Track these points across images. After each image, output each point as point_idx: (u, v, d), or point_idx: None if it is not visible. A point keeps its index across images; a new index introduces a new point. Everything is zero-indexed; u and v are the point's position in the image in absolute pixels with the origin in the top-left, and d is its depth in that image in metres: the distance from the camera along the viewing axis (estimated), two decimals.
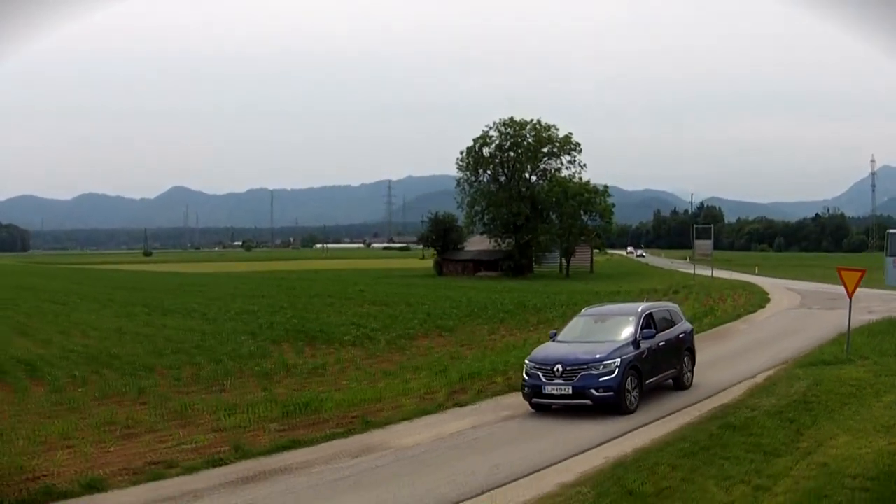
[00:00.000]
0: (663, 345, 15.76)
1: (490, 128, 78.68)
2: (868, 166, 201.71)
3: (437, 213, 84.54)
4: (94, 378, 19.00)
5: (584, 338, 15.44)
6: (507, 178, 78.65)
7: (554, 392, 14.11)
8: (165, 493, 10.34)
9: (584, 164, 78.59)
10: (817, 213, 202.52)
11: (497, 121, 78.65)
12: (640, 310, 16.13)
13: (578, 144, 78.29)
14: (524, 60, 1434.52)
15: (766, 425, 12.33)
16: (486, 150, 78.51)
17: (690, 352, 17.17)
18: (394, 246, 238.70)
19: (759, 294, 41.62)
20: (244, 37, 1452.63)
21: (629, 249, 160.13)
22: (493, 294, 46.82)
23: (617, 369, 14.03)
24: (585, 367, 14.05)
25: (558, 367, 14.09)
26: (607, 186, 79.19)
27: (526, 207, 75.71)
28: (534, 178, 79.39)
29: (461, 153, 79.06)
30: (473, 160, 78.41)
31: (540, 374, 14.25)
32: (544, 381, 14.15)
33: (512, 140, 77.77)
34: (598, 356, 14.22)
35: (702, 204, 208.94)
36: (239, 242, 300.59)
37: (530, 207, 76.19)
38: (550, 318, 30.60)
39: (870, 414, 12.98)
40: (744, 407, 13.91)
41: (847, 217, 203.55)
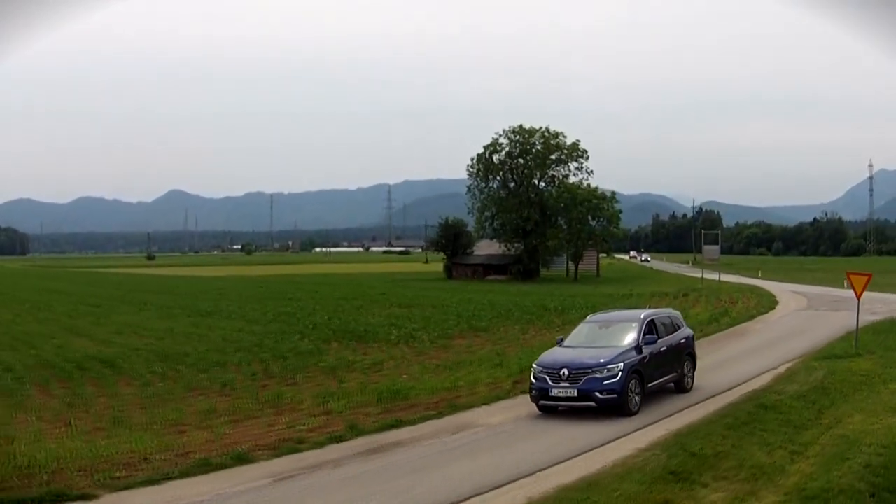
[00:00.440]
0: (665, 350, 16.37)
1: (500, 135, 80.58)
2: (865, 170, 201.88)
3: (447, 218, 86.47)
4: (172, 374, 20.45)
5: (589, 343, 16.10)
6: (516, 185, 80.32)
7: (560, 395, 14.75)
8: (308, 463, 12.17)
9: (591, 171, 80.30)
10: (815, 218, 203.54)
11: (507, 128, 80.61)
12: (642, 316, 16.77)
13: (585, 151, 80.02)
14: (522, 64, 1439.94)
15: (792, 406, 14.68)
16: (496, 157, 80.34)
17: (691, 356, 17.71)
18: (393, 250, 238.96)
19: (767, 297, 43.89)
20: (243, 40, 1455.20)
21: (632, 254, 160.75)
22: (511, 297, 48.69)
23: (620, 373, 14.66)
24: (590, 370, 14.71)
25: (564, 370, 14.71)
26: (615, 193, 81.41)
27: (535, 213, 77.20)
28: (542, 185, 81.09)
29: (472, 160, 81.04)
30: (484, 167, 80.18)
31: (547, 378, 14.86)
32: (551, 384, 14.76)
33: (521, 147, 79.58)
34: (602, 360, 14.87)
35: (700, 208, 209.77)
36: (238, 246, 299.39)
37: (539, 213, 77.70)
38: (573, 318, 32.19)
39: (879, 398, 15.37)
40: (772, 392, 16.22)
41: (844, 221, 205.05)
